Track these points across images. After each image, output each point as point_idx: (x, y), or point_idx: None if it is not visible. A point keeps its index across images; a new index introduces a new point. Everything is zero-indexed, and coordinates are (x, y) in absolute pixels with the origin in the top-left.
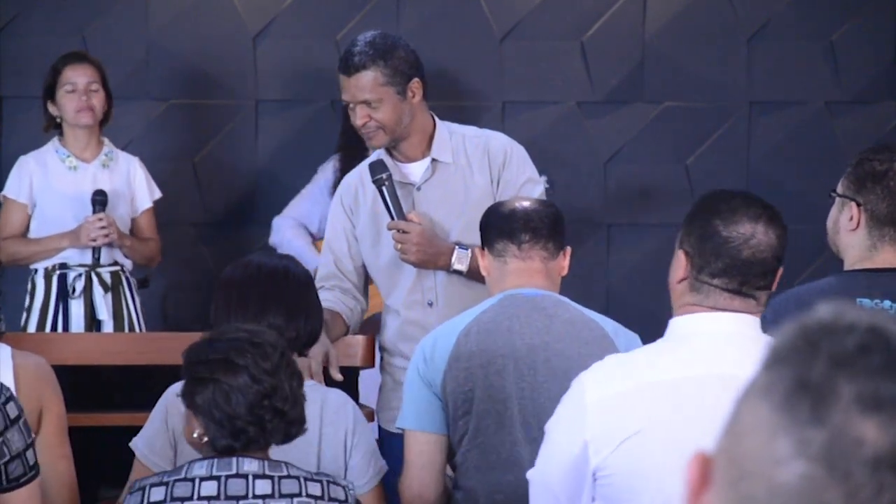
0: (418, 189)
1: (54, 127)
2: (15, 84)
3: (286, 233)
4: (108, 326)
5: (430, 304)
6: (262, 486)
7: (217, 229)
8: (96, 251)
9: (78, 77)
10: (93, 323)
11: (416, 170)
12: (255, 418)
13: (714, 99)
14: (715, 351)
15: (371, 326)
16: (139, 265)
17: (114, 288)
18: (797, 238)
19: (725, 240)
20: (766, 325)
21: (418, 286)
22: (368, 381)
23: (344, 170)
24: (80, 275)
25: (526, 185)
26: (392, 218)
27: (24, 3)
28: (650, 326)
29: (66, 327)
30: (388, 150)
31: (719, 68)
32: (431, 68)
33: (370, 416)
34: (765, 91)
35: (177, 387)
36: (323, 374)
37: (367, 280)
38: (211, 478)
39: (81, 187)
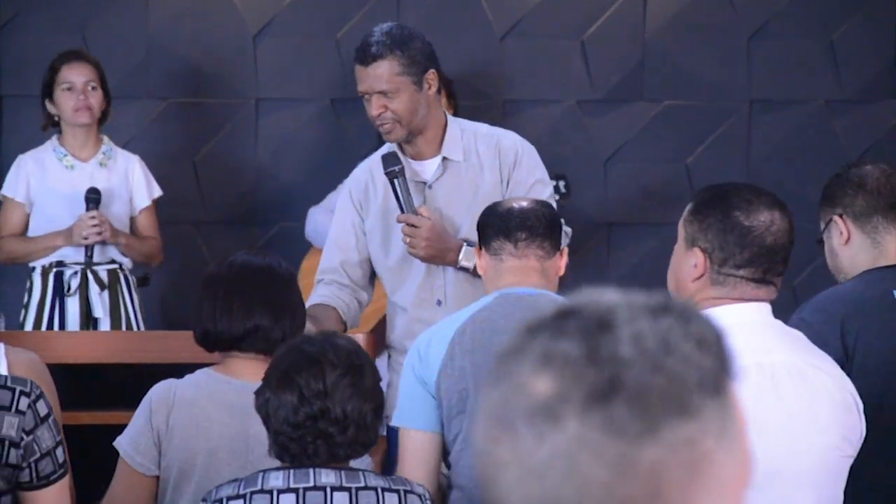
0: (429, 187)
1: (53, 126)
2: (15, 83)
3: (318, 217)
4: (104, 324)
5: (439, 303)
6: (340, 499)
7: (217, 228)
8: (89, 249)
9: (75, 76)
10: (89, 321)
11: (427, 168)
12: (297, 437)
13: (714, 98)
14: (748, 341)
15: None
16: (138, 263)
17: (111, 286)
18: (797, 237)
19: (748, 229)
20: (810, 325)
21: (427, 284)
22: None
23: None
24: (76, 272)
25: (535, 187)
26: (402, 211)
27: (24, 2)
28: None
29: (62, 325)
30: (400, 147)
31: (719, 67)
32: None
33: None
34: (765, 90)
35: (160, 385)
36: None
37: (372, 274)
38: (289, 490)
39: (78, 186)
